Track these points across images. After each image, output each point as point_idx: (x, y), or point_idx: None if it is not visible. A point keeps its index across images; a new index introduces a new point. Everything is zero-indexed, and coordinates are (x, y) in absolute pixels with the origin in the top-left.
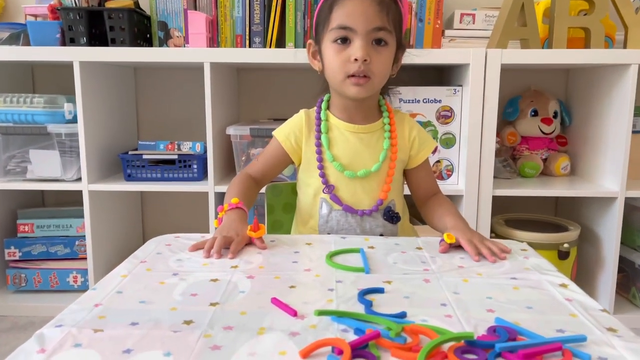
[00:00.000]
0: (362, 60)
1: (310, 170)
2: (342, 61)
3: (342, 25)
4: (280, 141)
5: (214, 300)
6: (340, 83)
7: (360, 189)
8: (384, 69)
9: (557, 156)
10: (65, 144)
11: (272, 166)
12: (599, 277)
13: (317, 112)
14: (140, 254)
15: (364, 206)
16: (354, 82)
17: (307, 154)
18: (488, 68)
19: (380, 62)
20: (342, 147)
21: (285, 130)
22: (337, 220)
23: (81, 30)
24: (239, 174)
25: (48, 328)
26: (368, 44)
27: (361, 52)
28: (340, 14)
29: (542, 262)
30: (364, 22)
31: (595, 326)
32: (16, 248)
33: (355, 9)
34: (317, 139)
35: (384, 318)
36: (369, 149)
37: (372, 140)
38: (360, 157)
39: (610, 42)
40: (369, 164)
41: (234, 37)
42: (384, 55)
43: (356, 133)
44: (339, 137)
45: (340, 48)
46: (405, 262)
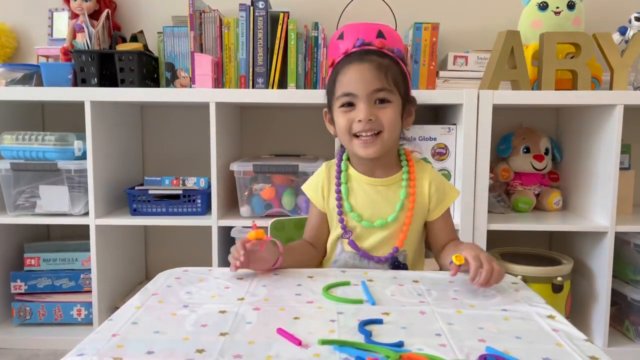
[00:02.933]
0: (366, 120)
1: (332, 218)
2: (348, 122)
3: (345, 92)
4: (310, 197)
5: (224, 331)
6: (349, 143)
7: (379, 237)
8: (391, 122)
9: (550, 191)
10: (74, 179)
11: (315, 226)
12: (592, 310)
13: (337, 164)
14: (152, 286)
15: (381, 253)
16: (361, 143)
17: (330, 203)
18: (480, 108)
19: (386, 116)
20: (359, 198)
21: (311, 186)
22: (345, 261)
23: (92, 71)
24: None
25: (71, 357)
26: (371, 104)
27: (364, 113)
28: (343, 82)
29: (532, 295)
30: (364, 86)
31: (579, 355)
32: (22, 281)
33: (355, 75)
34: (337, 186)
35: (382, 347)
36: (387, 201)
37: (390, 192)
38: (378, 208)
39: (597, 83)
40: (385, 215)
41: (238, 78)
42: (389, 110)
43: (374, 186)
44: (357, 189)
45: (346, 111)
46: (403, 294)
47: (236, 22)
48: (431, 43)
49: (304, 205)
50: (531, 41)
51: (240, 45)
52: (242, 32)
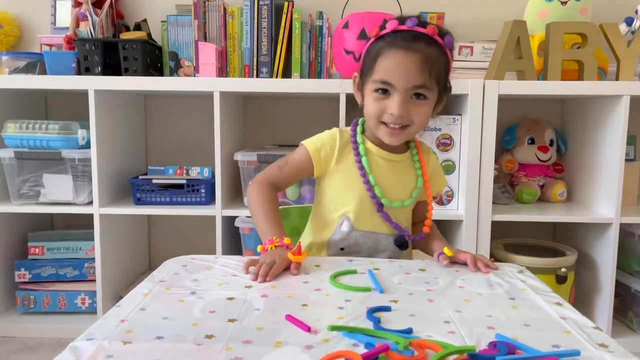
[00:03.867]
0: (398, 116)
1: (336, 190)
2: (379, 110)
3: (383, 80)
4: (310, 151)
5: (232, 317)
6: (375, 127)
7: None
8: (422, 119)
9: (554, 183)
10: (78, 168)
11: (296, 176)
12: (596, 302)
13: (352, 135)
14: (158, 274)
15: (386, 231)
16: (387, 131)
17: (340, 174)
18: (486, 98)
19: (419, 113)
20: (378, 172)
21: (317, 143)
22: (355, 239)
23: (96, 60)
24: (262, 184)
25: (80, 341)
26: (406, 99)
27: (398, 110)
28: (383, 67)
29: (538, 284)
30: (404, 80)
31: (588, 342)
32: (26, 270)
33: (398, 64)
34: (358, 162)
35: (392, 333)
36: (400, 180)
37: (402, 171)
38: (393, 186)
39: (603, 74)
40: (400, 196)
41: (242, 67)
42: (423, 108)
43: (389, 161)
44: (375, 163)
45: (380, 97)
46: (410, 282)
47: (240, 11)
48: None
49: (307, 195)
50: (537, 31)
51: (244, 34)
52: (246, 21)
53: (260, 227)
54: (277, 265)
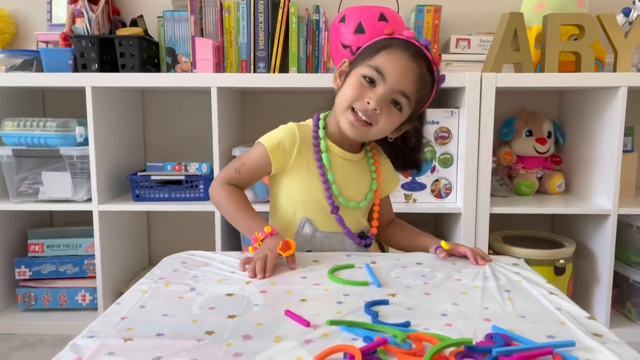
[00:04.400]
0: (372, 108)
1: (294, 189)
2: (357, 95)
3: (379, 68)
4: (267, 149)
5: (232, 313)
6: (342, 111)
7: (349, 217)
8: (387, 126)
9: (552, 175)
10: (77, 165)
11: (254, 175)
12: (594, 293)
13: (314, 130)
14: (158, 271)
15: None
16: (352, 119)
17: (297, 173)
18: (483, 91)
19: (388, 119)
20: (337, 171)
21: (274, 140)
22: (320, 241)
23: (93, 56)
24: (224, 185)
25: (81, 339)
26: (387, 98)
27: (376, 102)
28: (384, 59)
29: (533, 275)
30: (398, 79)
31: (583, 332)
32: (26, 267)
33: (399, 62)
34: (318, 160)
35: (390, 327)
36: (357, 179)
37: (359, 171)
38: (350, 186)
39: (601, 65)
40: (356, 195)
41: (239, 62)
42: (394, 116)
43: (347, 160)
44: (334, 161)
45: (364, 85)
46: (407, 276)
47: (237, 5)
48: (433, 26)
49: None
50: (534, 23)
51: (241, 29)
52: (242, 16)
53: (241, 226)
54: (270, 257)
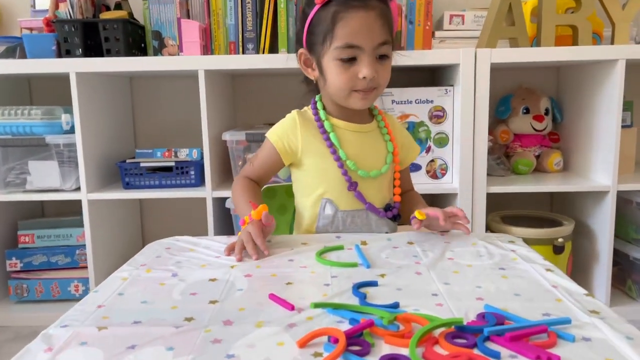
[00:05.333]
0: (370, 77)
1: (310, 173)
2: (349, 78)
3: (349, 43)
4: (272, 142)
5: (213, 298)
6: (345, 98)
7: (373, 188)
8: (388, 78)
9: (550, 152)
10: (64, 154)
11: (267, 169)
12: (594, 271)
13: (314, 114)
14: (140, 257)
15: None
16: (362, 96)
17: (309, 157)
18: (478, 67)
19: (385, 74)
20: (349, 146)
21: (278, 132)
22: (343, 221)
23: (76, 41)
24: (238, 179)
25: (54, 328)
26: (374, 59)
27: (369, 71)
28: (346, 31)
29: (530, 253)
30: (371, 39)
31: (579, 309)
32: (17, 259)
33: (361, 24)
34: (326, 140)
35: (377, 308)
36: (373, 149)
37: (372, 141)
38: (367, 157)
39: (598, 39)
40: (376, 165)
41: (227, 44)
42: (388, 67)
43: (357, 132)
44: (343, 137)
45: (346, 66)
46: (398, 256)
47: None
48: (426, 2)
49: None
50: None
51: (228, 10)
52: None
53: (240, 215)
54: (254, 235)
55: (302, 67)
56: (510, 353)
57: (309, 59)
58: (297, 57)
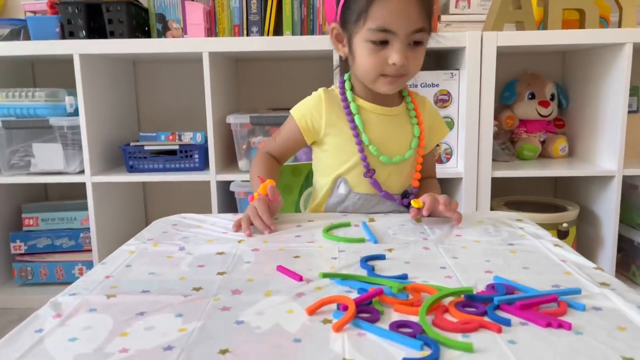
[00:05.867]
0: (400, 65)
1: (330, 152)
2: (378, 62)
3: (382, 27)
4: (296, 119)
5: (221, 270)
6: (372, 81)
7: (393, 174)
8: (419, 66)
9: (555, 138)
10: (68, 136)
11: (288, 146)
12: (598, 256)
13: (341, 93)
14: (147, 233)
15: (393, 192)
16: (389, 81)
17: (331, 137)
18: (484, 51)
19: (417, 61)
20: (373, 130)
21: (302, 109)
22: (354, 202)
23: (80, 23)
24: (259, 152)
25: (62, 296)
26: (406, 46)
27: (400, 58)
28: (382, 13)
29: (537, 230)
30: (406, 25)
31: (589, 281)
32: (22, 242)
33: (398, 9)
34: (351, 122)
35: (386, 279)
36: (398, 133)
37: (399, 124)
38: (391, 142)
39: (605, 23)
40: (400, 150)
41: (232, 27)
42: (420, 54)
43: (384, 115)
44: (369, 120)
45: (377, 49)
46: (405, 233)
47: None
48: None
49: (303, 157)
50: None
51: None
52: None
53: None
54: (260, 210)
55: (333, 42)
56: (521, 320)
57: (340, 34)
58: (329, 31)
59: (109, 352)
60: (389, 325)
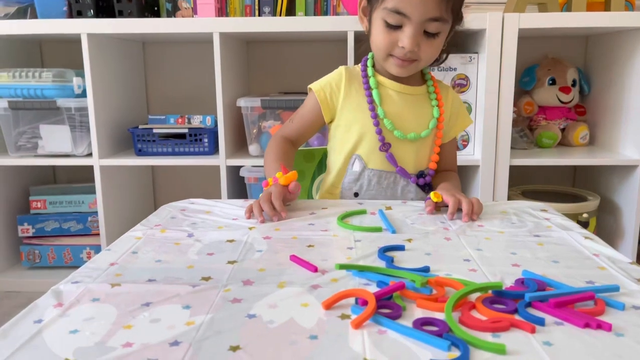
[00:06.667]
0: (409, 50)
1: (346, 128)
2: (389, 43)
3: (396, 9)
4: (315, 91)
5: (232, 259)
6: (383, 60)
7: (409, 152)
8: (432, 55)
9: (576, 125)
10: (75, 118)
11: (308, 124)
12: (618, 247)
13: (362, 69)
14: (154, 218)
15: (409, 170)
16: (397, 63)
17: (348, 111)
18: (505, 33)
19: (430, 50)
20: (390, 105)
21: (322, 83)
22: (369, 179)
23: (88, 2)
24: (275, 137)
25: (64, 284)
26: (419, 33)
27: (410, 43)
28: None
29: (564, 221)
30: (421, 11)
31: (626, 277)
32: (29, 224)
33: None
34: (368, 96)
35: (407, 272)
36: (416, 112)
37: (418, 104)
38: (408, 119)
39: (631, 7)
40: (416, 128)
41: (243, 7)
42: (434, 44)
43: (403, 94)
44: (386, 96)
45: (389, 30)
46: (424, 222)
47: None
48: None
49: (315, 142)
50: None
51: None
52: None
53: (267, 174)
54: (274, 196)
55: (360, 16)
56: (556, 320)
57: (366, 7)
58: (358, 3)
59: (111, 346)
60: (413, 323)
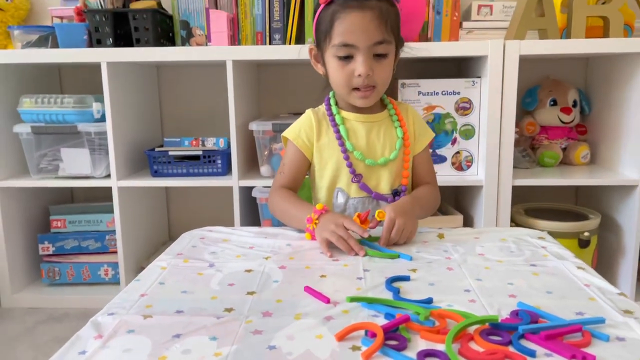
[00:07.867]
0: (365, 75)
1: (323, 166)
2: (346, 76)
3: (344, 42)
4: (292, 140)
5: (251, 290)
6: (346, 95)
7: (382, 176)
8: (386, 77)
9: (577, 145)
10: (95, 142)
11: (297, 169)
12: (619, 266)
13: (327, 109)
14: (176, 247)
15: (386, 192)
16: (360, 95)
17: (320, 150)
18: (506, 59)
19: (383, 72)
20: (358, 137)
21: (295, 130)
22: (354, 208)
23: (107, 31)
24: (274, 191)
25: (101, 316)
26: (369, 58)
27: (364, 69)
28: (342, 30)
29: (560, 249)
30: (365, 39)
31: (613, 309)
32: (50, 243)
33: (355, 24)
34: (336, 132)
35: (412, 304)
36: (382, 138)
37: (382, 129)
38: (376, 146)
39: (630, 30)
40: (385, 152)
41: (255, 34)
42: (385, 65)
43: (367, 122)
44: (353, 128)
45: (343, 64)
46: (429, 251)
47: None
48: None
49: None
50: None
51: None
52: None
53: (293, 219)
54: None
55: (313, 63)
56: (546, 352)
57: (317, 54)
58: (308, 54)
59: None
60: (417, 354)
